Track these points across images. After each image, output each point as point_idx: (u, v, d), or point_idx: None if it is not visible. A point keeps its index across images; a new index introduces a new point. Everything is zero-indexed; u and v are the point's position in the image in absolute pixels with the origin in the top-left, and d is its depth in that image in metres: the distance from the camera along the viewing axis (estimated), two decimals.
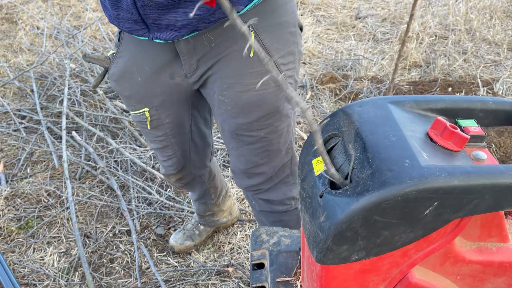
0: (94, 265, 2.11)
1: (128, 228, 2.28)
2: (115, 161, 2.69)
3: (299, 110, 0.88)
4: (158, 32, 1.27)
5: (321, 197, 0.81)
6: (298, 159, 1.58)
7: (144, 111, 1.49)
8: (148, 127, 1.54)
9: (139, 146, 2.80)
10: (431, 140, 0.82)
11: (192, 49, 1.32)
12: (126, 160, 2.67)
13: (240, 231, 2.26)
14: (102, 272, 2.09)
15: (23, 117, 3.10)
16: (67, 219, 2.34)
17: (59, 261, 2.14)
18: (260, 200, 1.62)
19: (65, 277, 2.06)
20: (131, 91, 1.46)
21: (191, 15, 0.85)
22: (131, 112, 1.55)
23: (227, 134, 1.47)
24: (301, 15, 4.55)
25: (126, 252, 2.17)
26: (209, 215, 2.14)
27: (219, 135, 2.75)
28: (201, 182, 1.91)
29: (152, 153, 2.70)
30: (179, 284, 2.00)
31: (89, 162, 2.67)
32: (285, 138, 1.48)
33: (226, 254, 2.15)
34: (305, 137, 2.73)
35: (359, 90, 3.27)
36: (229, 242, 2.22)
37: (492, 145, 2.53)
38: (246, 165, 1.51)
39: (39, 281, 2.04)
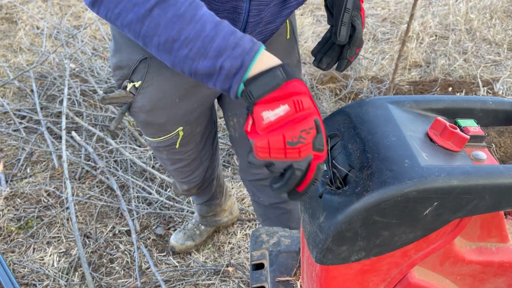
0: (94, 265, 2.11)
1: (128, 228, 2.28)
2: (115, 161, 2.69)
3: None
4: None
5: (320, 197, 0.81)
6: None
7: (178, 130, 1.44)
8: (177, 146, 1.48)
9: (139, 146, 2.80)
10: (431, 140, 0.82)
11: None
12: (126, 160, 2.67)
13: (240, 231, 2.26)
14: (102, 272, 2.09)
15: (23, 117, 3.10)
16: (67, 219, 2.34)
17: (59, 261, 2.14)
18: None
19: (65, 277, 2.06)
20: (168, 115, 1.39)
21: None
22: (158, 139, 1.46)
23: None
24: (301, 15, 4.54)
25: (126, 252, 2.17)
26: (211, 216, 2.14)
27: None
28: (212, 184, 1.88)
29: (152, 153, 2.70)
30: (179, 284, 2.00)
31: (89, 162, 2.67)
32: None
33: (226, 254, 2.15)
34: None
35: (359, 90, 3.27)
36: (229, 242, 2.22)
37: (492, 145, 2.53)
38: None
39: (39, 281, 2.04)
